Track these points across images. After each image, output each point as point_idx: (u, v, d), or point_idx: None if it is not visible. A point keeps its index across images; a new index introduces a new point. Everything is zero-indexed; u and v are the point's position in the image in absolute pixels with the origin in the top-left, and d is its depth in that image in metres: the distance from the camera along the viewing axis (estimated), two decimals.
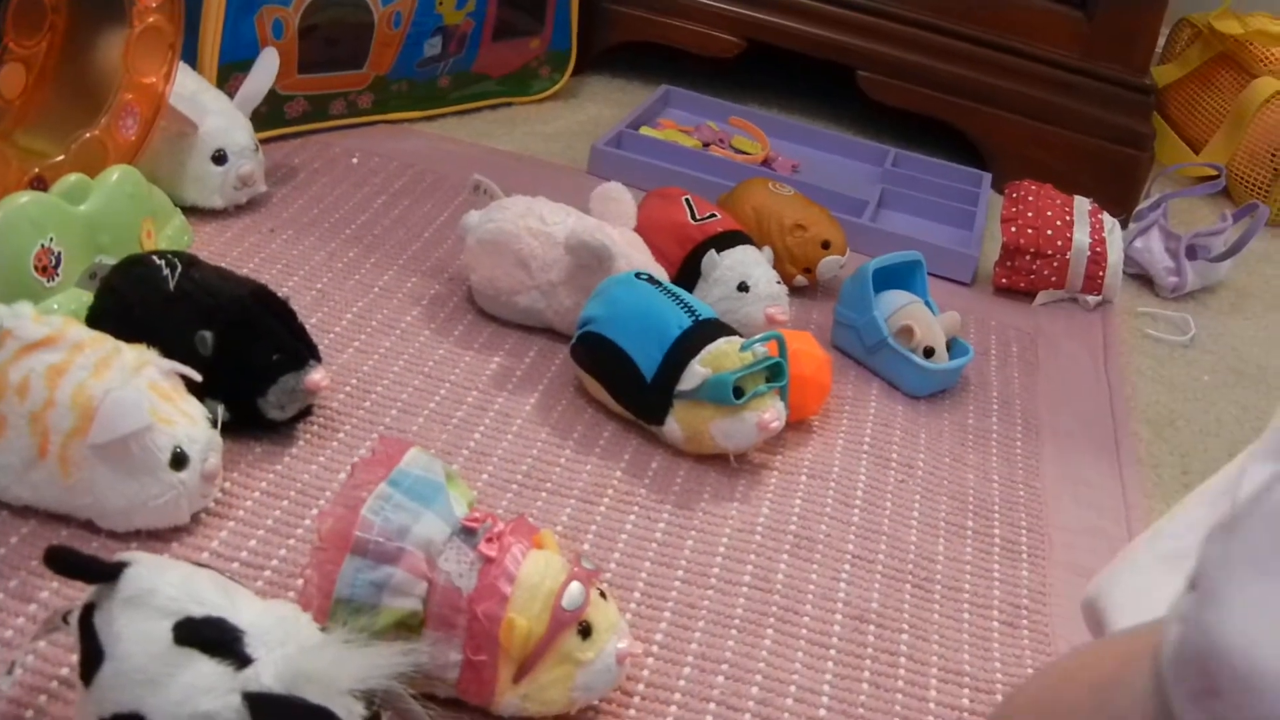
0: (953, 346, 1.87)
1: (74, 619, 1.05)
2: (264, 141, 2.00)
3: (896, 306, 1.85)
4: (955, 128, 2.64)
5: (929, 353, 1.82)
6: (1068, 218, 2.16)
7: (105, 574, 1.04)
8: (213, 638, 1.00)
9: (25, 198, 1.53)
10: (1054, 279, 2.17)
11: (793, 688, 1.31)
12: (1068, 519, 1.66)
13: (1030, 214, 2.15)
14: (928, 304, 1.88)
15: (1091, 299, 2.18)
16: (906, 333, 1.82)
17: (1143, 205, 2.41)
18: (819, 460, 1.64)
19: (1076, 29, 2.53)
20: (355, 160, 2.17)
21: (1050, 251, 2.14)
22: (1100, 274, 2.16)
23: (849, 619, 1.41)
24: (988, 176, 2.52)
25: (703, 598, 1.40)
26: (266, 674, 0.98)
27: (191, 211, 1.88)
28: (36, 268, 1.53)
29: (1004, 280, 2.19)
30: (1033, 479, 1.72)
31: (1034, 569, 1.55)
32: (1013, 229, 2.15)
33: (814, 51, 2.64)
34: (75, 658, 1.06)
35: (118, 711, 1.00)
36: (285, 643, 1.01)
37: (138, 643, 1.00)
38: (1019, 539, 1.60)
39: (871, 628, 1.41)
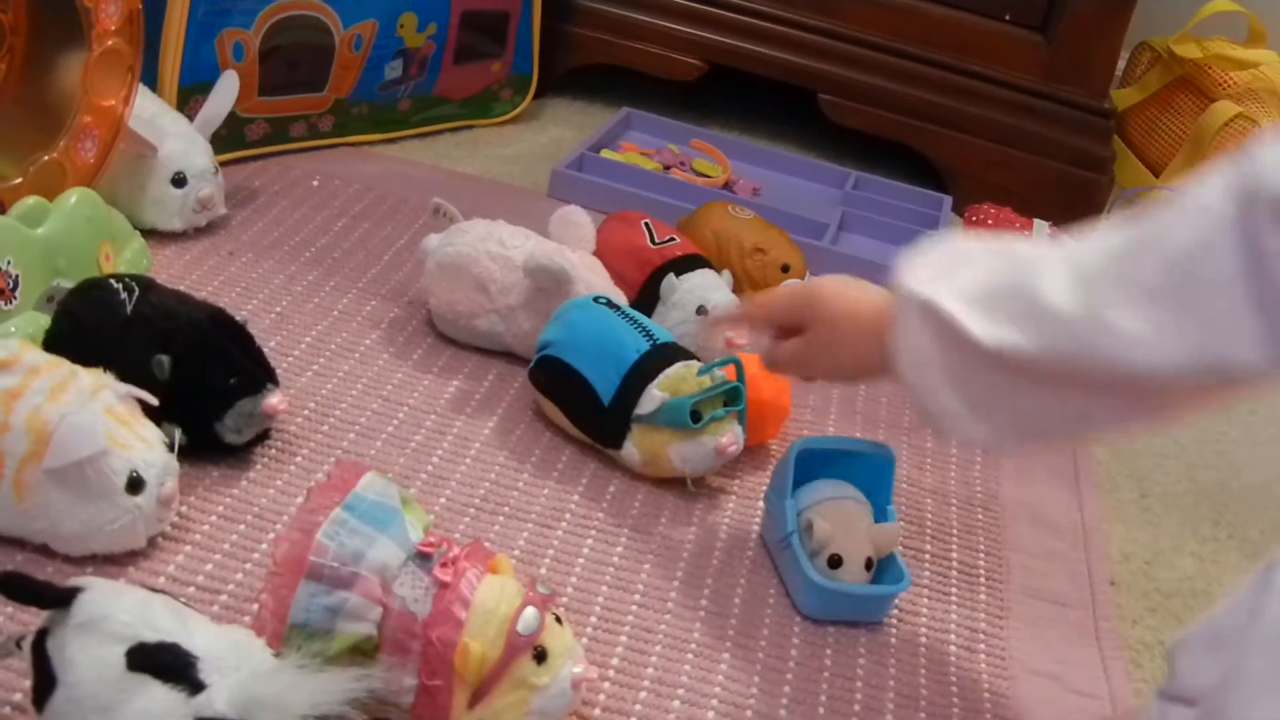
0: (886, 568, 1.49)
1: (27, 644, 1.05)
2: (224, 164, 1.99)
3: (821, 498, 1.49)
4: (916, 150, 2.65)
5: (835, 563, 1.45)
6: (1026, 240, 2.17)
7: (58, 599, 1.04)
8: (166, 663, 1.00)
9: None
10: None
11: (749, 712, 1.31)
12: (1026, 542, 1.66)
13: (988, 236, 2.15)
14: (882, 510, 1.51)
15: None
16: (808, 530, 1.46)
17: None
18: None
19: (1036, 52, 2.54)
20: (316, 183, 2.17)
21: None
22: None
23: (806, 643, 1.41)
24: (948, 199, 2.53)
25: (659, 621, 1.40)
26: (220, 700, 0.98)
27: (151, 234, 1.87)
28: None
29: None
30: (991, 503, 1.72)
31: (991, 593, 1.55)
32: None
33: (775, 74, 2.65)
34: (28, 683, 1.06)
35: None
36: (239, 668, 1.01)
37: (90, 669, 1.00)
38: (977, 563, 1.60)
39: (829, 651, 1.41)
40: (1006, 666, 1.45)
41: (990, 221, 2.19)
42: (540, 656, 1.14)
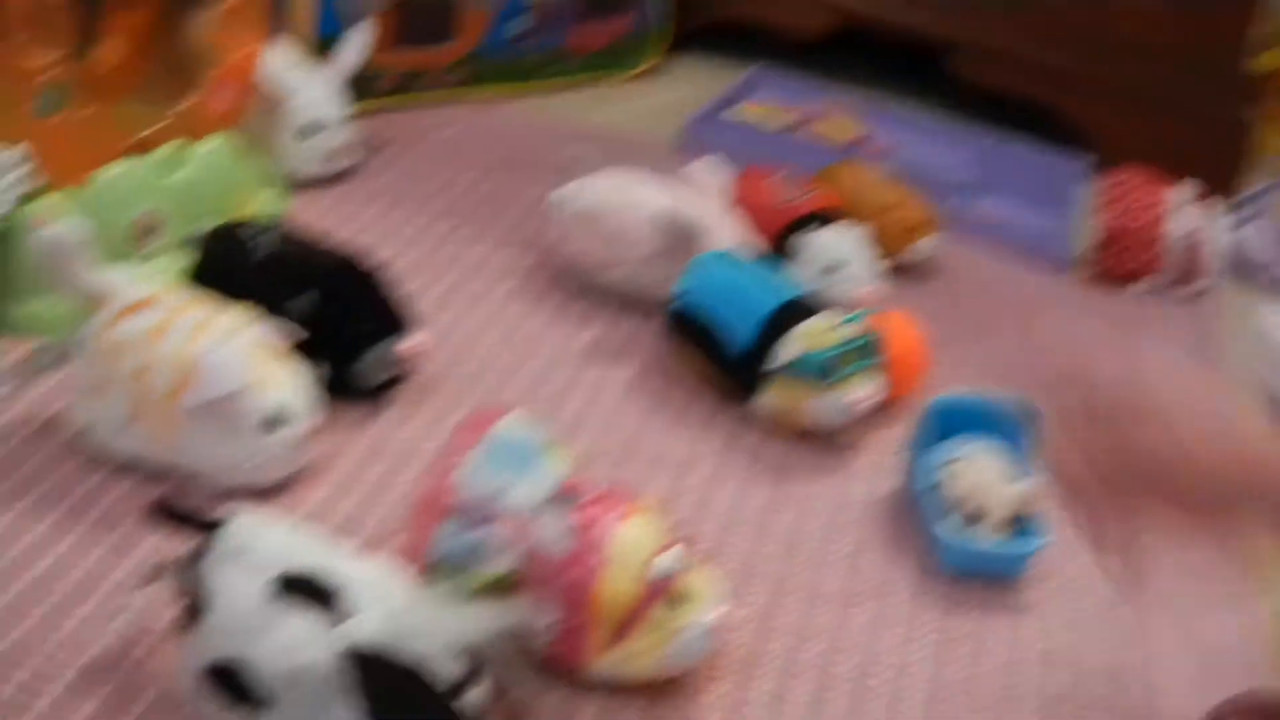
0: (1026, 526, 1.45)
1: (176, 571, 1.06)
2: (356, 115, 2.00)
3: (961, 454, 1.47)
4: (1051, 113, 2.61)
5: (974, 519, 1.44)
6: (1167, 205, 2.13)
7: (208, 527, 1.05)
8: (313, 591, 1.01)
9: (124, 165, 1.55)
10: (1152, 267, 2.14)
11: (886, 666, 1.30)
12: None
13: (1129, 201, 2.12)
14: (1022, 469, 1.47)
15: (1190, 288, 2.16)
16: (947, 485, 1.45)
17: (1246, 194, 2.37)
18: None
19: (1178, 12, 2.49)
20: (447, 135, 2.17)
21: (1149, 239, 2.11)
22: (1200, 263, 2.13)
23: (944, 598, 1.40)
24: (1085, 163, 2.49)
25: (798, 572, 1.39)
26: (364, 629, 0.99)
27: (287, 180, 1.89)
28: (135, 234, 1.54)
29: (1101, 267, 2.16)
30: None
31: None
32: (1111, 216, 2.12)
33: (907, 32, 2.61)
34: (176, 609, 1.07)
35: (218, 660, 1.02)
36: (384, 599, 1.02)
37: (238, 595, 1.01)
38: None
39: (970, 608, 1.39)
40: (1146, 629, 1.43)
41: (1133, 184, 2.15)
42: (678, 600, 1.14)
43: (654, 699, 1.20)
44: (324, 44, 2.04)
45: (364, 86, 2.09)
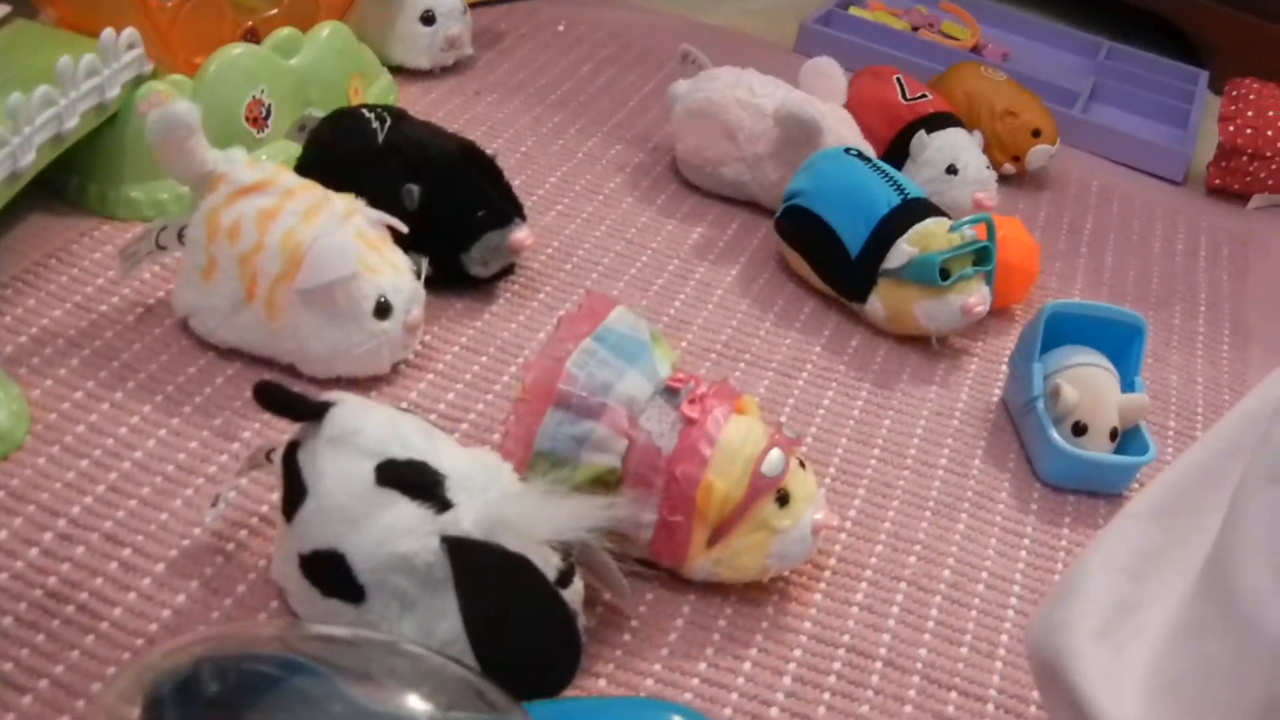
0: (1131, 440, 1.45)
1: (278, 456, 1.06)
2: (472, 5, 1.99)
3: (1068, 363, 1.45)
4: (1170, 23, 2.56)
5: (1080, 430, 1.43)
6: None
7: (312, 412, 1.05)
8: (414, 480, 1.00)
9: (238, 50, 1.55)
10: (1271, 182, 2.10)
11: (984, 573, 1.29)
12: None
13: (1250, 113, 2.08)
14: (1130, 382, 1.46)
15: None
16: (1054, 395, 1.42)
17: None
18: None
19: None
20: (561, 28, 2.17)
21: (1269, 153, 2.08)
22: None
23: (1044, 509, 1.39)
24: (1204, 74, 2.44)
25: (898, 477, 1.38)
26: (466, 519, 0.99)
27: (398, 71, 1.89)
28: (247, 118, 1.55)
29: (1218, 181, 2.12)
30: (1238, 384, 1.67)
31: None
32: (1230, 128, 2.08)
33: None
34: (276, 495, 1.07)
35: (317, 548, 1.01)
36: (486, 490, 1.01)
37: (340, 481, 1.01)
38: None
39: (1067, 519, 1.38)
40: None
41: (1253, 97, 2.11)
42: (783, 500, 1.13)
43: (746, 601, 1.19)
44: None
45: None
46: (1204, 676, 0.85)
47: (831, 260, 1.56)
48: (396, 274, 1.31)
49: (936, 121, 1.79)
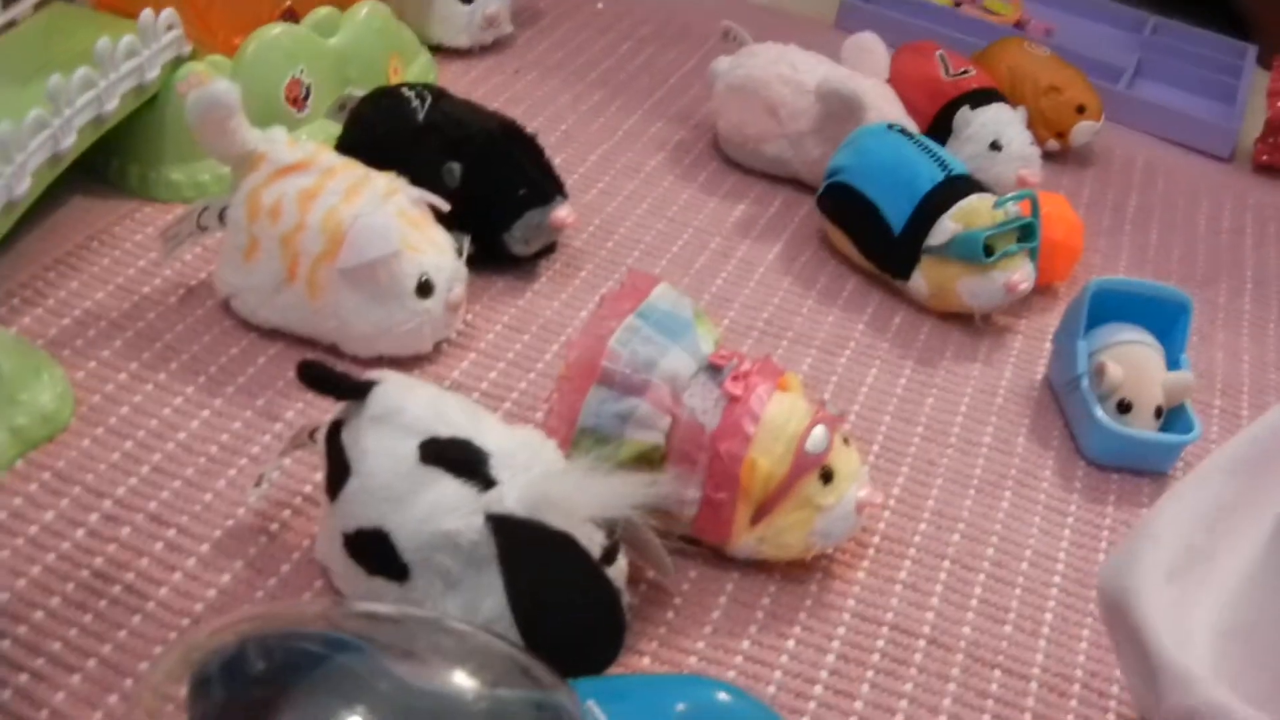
0: (1175, 419, 1.44)
1: (321, 436, 1.07)
2: None
3: (1113, 341, 1.44)
4: None
5: (1124, 408, 1.42)
6: None
7: (355, 391, 1.05)
8: (458, 458, 1.00)
9: (278, 29, 1.55)
10: None
11: (1028, 551, 1.28)
12: None
13: None
14: (1175, 360, 1.46)
15: None
16: (1099, 372, 1.41)
17: None
18: None
19: None
20: (600, 5, 2.16)
21: None
22: None
23: (1089, 487, 1.38)
24: (1252, 49, 2.42)
25: (942, 455, 1.37)
26: (510, 497, 0.98)
27: (437, 50, 1.89)
28: (287, 98, 1.55)
29: (1265, 157, 2.11)
30: None
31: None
32: (1276, 105, 2.07)
33: None
34: (319, 474, 1.07)
35: (361, 526, 1.01)
36: (529, 467, 1.01)
37: (384, 460, 1.01)
38: None
39: (1112, 497, 1.37)
40: None
41: None
42: (827, 477, 1.12)
43: (790, 579, 1.19)
44: None
45: None
46: (1273, 626, 0.85)
47: (874, 237, 1.55)
48: (438, 252, 1.31)
49: (980, 97, 1.77)
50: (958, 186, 1.51)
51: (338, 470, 1.03)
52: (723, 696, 0.96)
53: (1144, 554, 0.92)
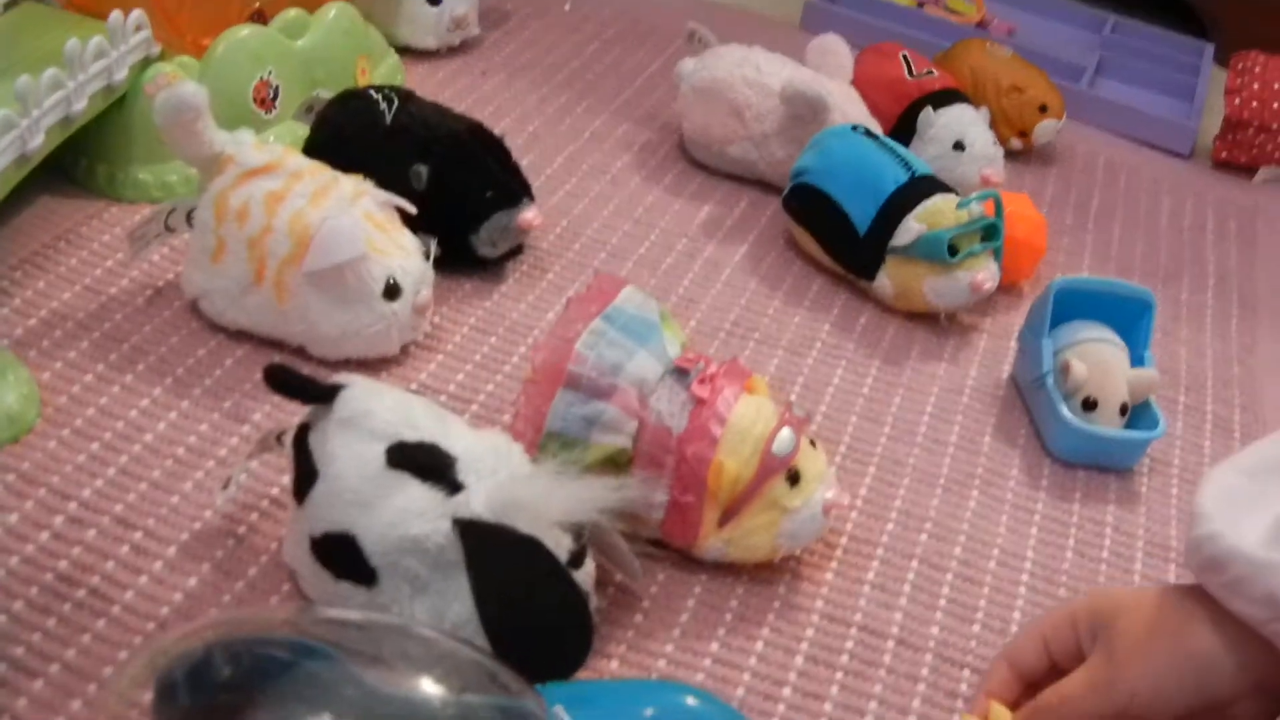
0: (1140, 415, 1.45)
1: (288, 439, 1.06)
2: None
3: (1078, 339, 1.45)
4: None
5: (1089, 405, 1.42)
6: None
7: (322, 395, 1.04)
8: (425, 463, 1.00)
9: (246, 31, 1.55)
10: (1277, 155, 2.10)
11: (996, 550, 1.29)
12: None
13: (1256, 86, 2.08)
14: (1139, 357, 1.47)
15: None
16: (1064, 370, 1.42)
17: None
18: None
19: None
20: (568, 7, 2.16)
21: (1275, 125, 2.07)
22: None
23: (1055, 484, 1.39)
24: (1210, 47, 2.44)
25: (908, 455, 1.38)
26: (477, 501, 0.99)
27: (405, 52, 1.89)
28: (255, 99, 1.55)
29: (1224, 154, 2.12)
30: (1247, 357, 1.67)
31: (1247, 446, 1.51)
32: (1236, 101, 2.08)
33: None
34: (287, 478, 1.07)
35: (329, 530, 1.01)
36: (496, 471, 1.01)
37: (351, 464, 1.01)
38: (1231, 416, 1.56)
39: (1078, 494, 1.38)
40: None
41: (1258, 70, 2.10)
42: (794, 479, 1.13)
43: (758, 581, 1.19)
44: None
45: None
46: None
47: (839, 238, 1.56)
48: (405, 255, 1.31)
49: (943, 98, 1.78)
50: (922, 187, 1.52)
51: (305, 474, 1.03)
52: (691, 701, 0.96)
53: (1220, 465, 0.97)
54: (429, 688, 0.84)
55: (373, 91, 1.49)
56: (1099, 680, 0.92)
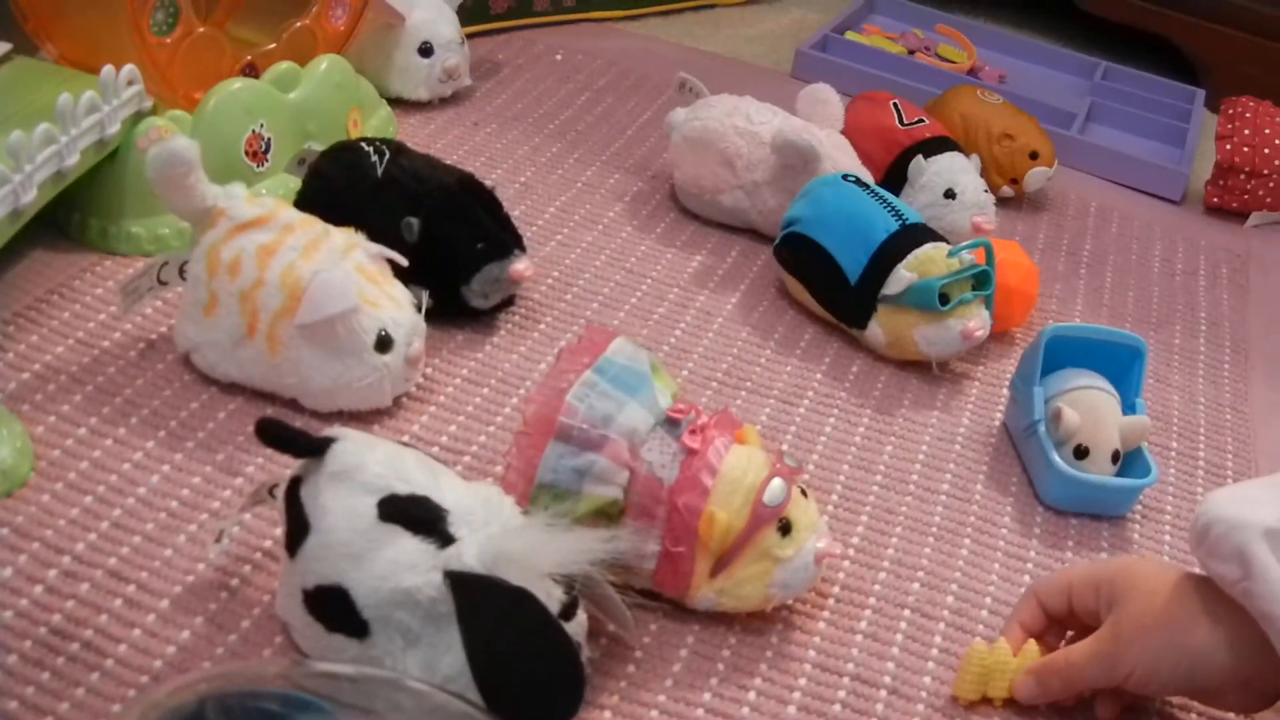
0: (1133, 463, 1.45)
1: (280, 492, 1.07)
2: (469, 36, 2.00)
3: (1069, 386, 1.45)
4: (1168, 42, 2.57)
5: (1081, 453, 1.42)
6: None
7: (314, 448, 1.05)
8: (417, 515, 1.00)
9: (238, 84, 1.55)
10: (1269, 200, 2.11)
11: (988, 599, 1.28)
12: (1277, 444, 1.61)
13: (1247, 131, 2.09)
14: (1131, 404, 1.47)
15: None
16: (1056, 418, 1.41)
17: None
18: None
19: None
20: (559, 57, 2.17)
21: (1266, 171, 2.08)
22: None
23: (1048, 533, 1.38)
24: (1201, 93, 2.45)
25: (900, 504, 1.38)
26: (468, 553, 0.99)
27: (396, 103, 1.90)
28: (247, 152, 1.55)
29: (1216, 199, 2.13)
30: (1240, 403, 1.67)
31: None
32: (1228, 146, 2.09)
33: None
34: (279, 530, 1.08)
35: (321, 583, 1.01)
36: (488, 524, 1.01)
37: (343, 517, 1.01)
38: (1224, 463, 1.56)
39: (1070, 542, 1.38)
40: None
41: (1249, 115, 2.11)
42: (785, 529, 1.13)
43: (750, 631, 1.19)
44: None
45: (476, 9, 2.10)
46: None
47: (831, 286, 1.56)
48: (397, 307, 1.32)
49: (934, 146, 1.79)
50: (912, 235, 1.52)
51: (297, 527, 1.03)
52: None
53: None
54: None
55: (364, 144, 1.49)
56: (1103, 654, 1.09)
